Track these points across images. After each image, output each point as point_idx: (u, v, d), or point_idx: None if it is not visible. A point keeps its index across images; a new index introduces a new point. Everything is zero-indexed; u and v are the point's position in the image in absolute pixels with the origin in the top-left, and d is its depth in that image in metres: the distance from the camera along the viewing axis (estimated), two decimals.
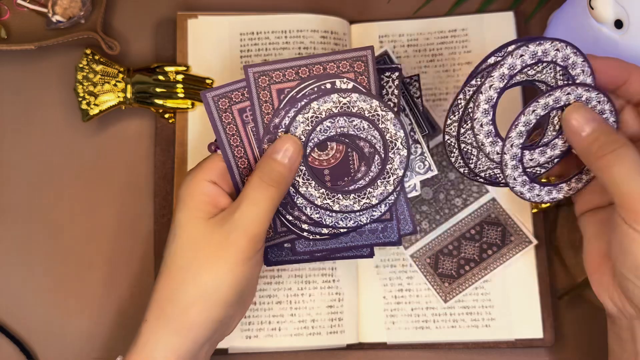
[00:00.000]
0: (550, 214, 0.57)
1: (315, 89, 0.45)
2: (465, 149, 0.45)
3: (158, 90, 0.58)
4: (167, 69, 0.58)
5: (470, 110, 0.44)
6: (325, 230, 0.47)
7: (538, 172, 0.46)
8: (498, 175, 0.46)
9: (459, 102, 0.45)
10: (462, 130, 0.45)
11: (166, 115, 0.58)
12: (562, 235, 0.56)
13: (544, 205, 0.56)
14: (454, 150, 0.46)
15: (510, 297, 0.55)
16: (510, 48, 0.43)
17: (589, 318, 0.49)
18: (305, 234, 0.47)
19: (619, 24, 0.47)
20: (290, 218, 0.47)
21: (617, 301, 0.44)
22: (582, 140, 0.43)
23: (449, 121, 0.45)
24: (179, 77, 0.58)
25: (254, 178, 0.44)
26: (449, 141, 0.45)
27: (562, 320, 0.56)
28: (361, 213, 0.47)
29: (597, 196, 0.47)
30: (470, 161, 0.46)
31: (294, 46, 0.59)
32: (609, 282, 0.45)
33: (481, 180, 0.46)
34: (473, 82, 0.44)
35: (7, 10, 0.59)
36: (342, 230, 0.47)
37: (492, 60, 0.44)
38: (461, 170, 0.46)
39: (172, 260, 0.44)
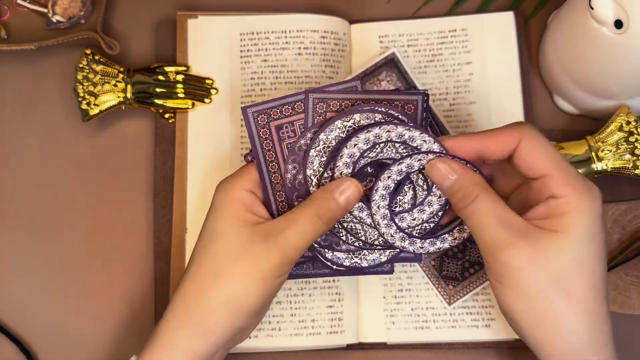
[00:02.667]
0: None
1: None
2: (349, 227, 0.47)
3: (158, 90, 0.58)
4: (167, 69, 0.58)
5: None
6: (347, 263, 0.48)
7: (427, 227, 0.47)
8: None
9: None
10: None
11: (166, 115, 0.58)
12: None
13: None
14: (342, 230, 0.47)
15: None
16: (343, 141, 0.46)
17: None
18: (328, 263, 0.48)
19: (619, 24, 0.47)
20: (316, 245, 0.48)
21: None
22: (446, 192, 0.45)
23: None
24: (179, 77, 0.58)
25: (309, 211, 0.45)
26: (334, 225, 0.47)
27: None
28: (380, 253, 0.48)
29: None
30: (360, 235, 0.47)
31: (294, 46, 0.59)
32: None
33: (379, 247, 0.48)
34: (325, 174, 0.46)
35: (7, 10, 0.59)
36: (363, 267, 0.49)
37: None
38: (356, 244, 0.48)
39: (205, 263, 0.45)
